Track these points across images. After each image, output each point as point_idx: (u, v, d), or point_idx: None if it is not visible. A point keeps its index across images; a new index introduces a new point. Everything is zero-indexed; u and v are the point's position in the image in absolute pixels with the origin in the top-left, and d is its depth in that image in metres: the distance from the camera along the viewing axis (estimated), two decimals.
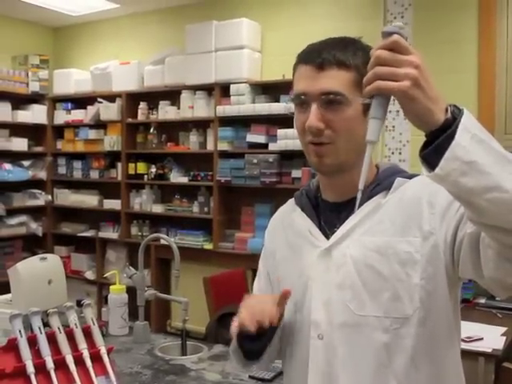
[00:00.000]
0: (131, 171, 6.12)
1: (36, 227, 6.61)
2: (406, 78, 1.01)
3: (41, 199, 6.70)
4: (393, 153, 4.86)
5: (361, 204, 1.37)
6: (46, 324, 1.94)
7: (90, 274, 6.46)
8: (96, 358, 1.90)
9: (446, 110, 1.03)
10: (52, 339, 1.87)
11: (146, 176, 6.03)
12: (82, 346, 1.88)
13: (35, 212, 6.69)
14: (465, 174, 1.00)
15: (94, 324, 1.96)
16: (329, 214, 1.44)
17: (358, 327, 1.32)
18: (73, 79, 6.64)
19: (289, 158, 5.05)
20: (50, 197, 6.78)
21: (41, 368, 1.80)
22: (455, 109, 1.04)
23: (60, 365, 1.82)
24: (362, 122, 1.30)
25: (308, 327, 1.39)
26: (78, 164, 6.68)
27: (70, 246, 6.78)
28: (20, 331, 1.84)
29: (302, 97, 1.34)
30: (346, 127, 1.31)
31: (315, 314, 1.38)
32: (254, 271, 5.51)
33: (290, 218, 1.54)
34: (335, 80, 1.30)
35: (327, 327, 1.36)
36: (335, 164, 1.35)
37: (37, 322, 1.89)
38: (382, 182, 1.40)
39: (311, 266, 1.41)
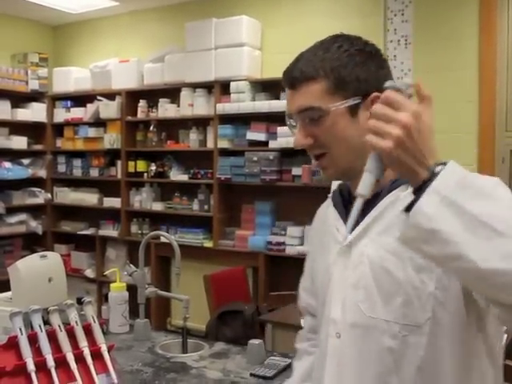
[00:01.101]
0: (131, 169, 6.11)
1: (36, 225, 6.60)
2: (389, 137, 0.99)
3: (40, 197, 6.69)
4: None
5: (381, 198, 1.33)
6: (46, 322, 1.93)
7: (89, 272, 6.45)
8: (97, 355, 1.89)
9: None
10: (52, 337, 1.86)
11: (145, 174, 6.03)
12: (83, 343, 1.87)
13: (35, 210, 6.68)
14: (427, 241, 0.97)
15: (94, 322, 1.95)
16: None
17: (368, 329, 1.29)
18: (72, 77, 6.63)
19: (289, 155, 5.04)
20: (49, 195, 6.77)
21: (41, 366, 1.79)
22: (439, 167, 1.01)
23: (61, 363, 1.82)
24: (351, 124, 1.29)
25: (328, 325, 1.38)
26: (77, 162, 6.66)
27: (70, 244, 6.77)
28: (20, 329, 1.83)
29: (288, 118, 1.36)
30: (332, 136, 1.29)
31: (334, 312, 1.36)
32: (255, 269, 5.49)
33: (325, 213, 1.52)
34: (305, 96, 1.29)
35: (343, 326, 1.33)
36: (339, 172, 1.34)
37: (37, 320, 1.88)
38: None
39: (334, 263, 1.39)
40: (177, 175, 5.83)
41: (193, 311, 2.93)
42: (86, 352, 1.86)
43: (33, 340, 1.84)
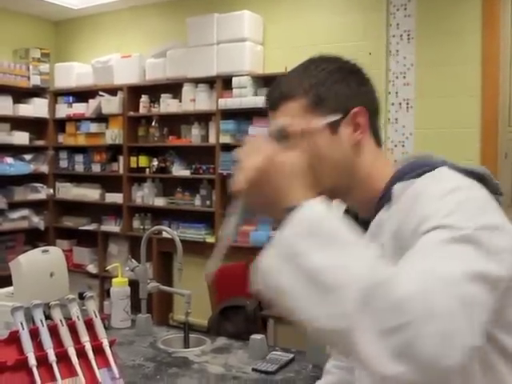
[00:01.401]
0: (133, 164, 6.11)
1: (38, 221, 6.60)
2: (240, 180, 1.03)
3: (42, 193, 6.69)
4: (396, 145, 4.84)
5: (372, 218, 1.26)
6: (47, 317, 1.92)
7: (92, 268, 6.45)
8: (98, 350, 1.88)
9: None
10: (54, 332, 1.86)
11: (147, 169, 6.02)
12: (85, 338, 1.87)
13: (37, 206, 6.68)
14: (274, 294, 0.97)
15: (96, 316, 1.94)
16: (362, 231, 1.31)
17: None
18: (74, 72, 6.63)
19: None
20: (51, 190, 6.77)
21: (43, 360, 1.78)
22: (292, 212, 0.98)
23: (62, 357, 1.81)
24: (332, 141, 1.25)
25: None
26: (79, 157, 6.66)
27: (72, 239, 6.77)
28: (22, 324, 1.82)
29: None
30: (313, 155, 1.24)
31: None
32: None
33: None
34: (285, 115, 1.26)
35: None
36: (325, 191, 1.27)
37: (39, 315, 1.87)
38: (387, 191, 1.23)
39: None
40: (179, 170, 5.82)
41: (195, 306, 2.92)
42: (88, 347, 1.85)
43: (34, 335, 1.83)
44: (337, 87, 1.25)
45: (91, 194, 6.52)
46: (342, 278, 0.89)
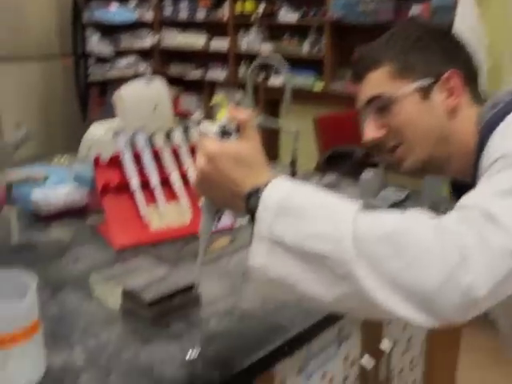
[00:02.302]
0: (238, 10, 5.87)
1: (144, 68, 6.57)
2: (193, 183, 1.01)
3: (148, 40, 6.61)
4: None
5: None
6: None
7: (197, 115, 6.43)
8: None
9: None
10: (157, 157, 1.79)
11: (253, 15, 5.77)
12: (188, 163, 1.78)
13: (143, 54, 6.63)
14: (275, 289, 0.93)
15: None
16: None
17: None
18: None
19: None
20: (157, 38, 6.68)
21: (145, 185, 1.72)
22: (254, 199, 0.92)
23: (164, 182, 1.74)
24: (424, 107, 1.16)
25: None
26: (184, 4, 6.47)
27: (179, 86, 6.72)
28: (124, 147, 1.75)
29: (361, 115, 1.26)
30: (405, 123, 1.18)
31: None
32: None
33: None
34: (370, 84, 1.21)
35: None
36: (419, 161, 1.19)
37: (141, 140, 1.79)
38: (479, 158, 1.10)
39: None
40: (286, 15, 5.54)
41: (301, 154, 2.77)
42: (191, 172, 1.77)
43: (137, 160, 1.76)
44: (425, 52, 1.18)
45: (196, 40, 6.37)
46: (331, 241, 0.85)
